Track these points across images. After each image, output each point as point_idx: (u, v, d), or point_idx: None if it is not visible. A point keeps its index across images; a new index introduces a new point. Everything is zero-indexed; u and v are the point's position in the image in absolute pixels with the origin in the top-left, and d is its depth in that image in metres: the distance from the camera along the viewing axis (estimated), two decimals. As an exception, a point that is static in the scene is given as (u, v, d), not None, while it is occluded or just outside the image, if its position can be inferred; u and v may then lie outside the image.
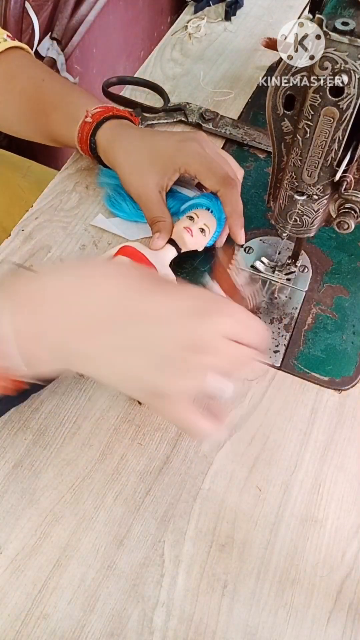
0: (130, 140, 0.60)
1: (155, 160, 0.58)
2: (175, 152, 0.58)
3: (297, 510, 0.47)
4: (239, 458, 0.50)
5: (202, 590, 0.44)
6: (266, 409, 0.52)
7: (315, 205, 0.47)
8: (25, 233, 0.62)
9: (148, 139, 0.60)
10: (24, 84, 0.65)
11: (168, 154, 0.58)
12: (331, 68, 0.37)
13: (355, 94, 0.38)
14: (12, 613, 0.42)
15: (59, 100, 0.64)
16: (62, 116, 0.63)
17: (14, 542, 0.45)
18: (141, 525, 0.46)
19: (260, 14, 0.90)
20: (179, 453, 0.49)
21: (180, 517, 0.47)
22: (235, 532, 0.46)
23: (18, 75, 0.65)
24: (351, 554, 0.46)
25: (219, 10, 0.89)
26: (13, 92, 0.65)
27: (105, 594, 0.43)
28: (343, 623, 0.43)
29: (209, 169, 0.57)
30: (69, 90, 0.65)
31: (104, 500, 0.47)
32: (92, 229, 0.63)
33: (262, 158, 0.71)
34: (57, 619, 0.42)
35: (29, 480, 0.47)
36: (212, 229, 0.58)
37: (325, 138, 0.41)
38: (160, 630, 0.42)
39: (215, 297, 0.41)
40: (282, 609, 0.43)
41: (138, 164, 0.59)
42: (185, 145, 0.58)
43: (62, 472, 0.48)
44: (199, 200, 0.59)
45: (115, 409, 0.51)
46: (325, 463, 0.50)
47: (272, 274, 0.60)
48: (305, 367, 0.54)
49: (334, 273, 0.61)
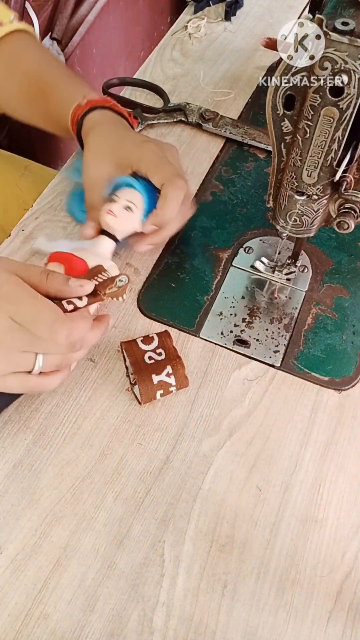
0: (105, 129, 0.59)
1: (115, 152, 0.57)
2: (134, 147, 0.57)
3: (297, 511, 0.47)
4: (239, 458, 0.50)
5: (202, 590, 0.44)
6: (266, 409, 0.52)
7: (315, 205, 0.47)
8: (25, 233, 0.62)
9: (121, 132, 0.59)
10: (27, 66, 0.65)
11: (127, 147, 0.57)
12: (331, 68, 0.37)
13: (355, 94, 0.38)
14: (12, 613, 0.42)
15: (61, 82, 0.64)
16: (60, 98, 0.63)
17: (14, 542, 0.45)
18: (141, 525, 0.46)
19: (260, 14, 0.90)
20: (179, 453, 0.49)
21: (180, 517, 0.47)
22: (235, 532, 0.46)
23: (22, 58, 0.66)
24: (351, 554, 0.46)
25: (219, 11, 0.89)
26: (16, 73, 0.65)
27: (105, 594, 0.43)
28: (343, 623, 0.43)
29: (158, 165, 0.55)
30: (70, 75, 0.65)
31: (104, 500, 0.47)
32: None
33: (262, 158, 0.71)
34: (57, 619, 0.42)
35: (29, 480, 0.47)
36: (139, 205, 0.55)
37: (325, 138, 0.41)
38: (160, 630, 0.42)
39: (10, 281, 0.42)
40: (282, 609, 0.43)
41: (100, 150, 0.58)
42: (146, 144, 0.57)
43: (62, 472, 0.48)
44: (120, 180, 0.56)
45: (116, 409, 0.51)
46: (325, 463, 0.50)
47: (272, 274, 0.60)
48: (305, 367, 0.54)
49: (334, 273, 0.61)
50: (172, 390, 0.51)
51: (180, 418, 0.51)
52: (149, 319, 0.57)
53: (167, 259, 0.61)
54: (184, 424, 0.51)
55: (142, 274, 0.60)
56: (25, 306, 0.40)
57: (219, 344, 0.55)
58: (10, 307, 0.40)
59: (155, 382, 0.50)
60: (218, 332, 0.56)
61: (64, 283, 0.43)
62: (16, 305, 0.40)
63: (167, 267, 0.60)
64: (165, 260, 0.61)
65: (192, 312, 0.57)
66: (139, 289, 0.59)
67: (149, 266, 0.60)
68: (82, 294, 0.44)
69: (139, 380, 0.50)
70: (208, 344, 0.56)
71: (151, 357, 0.51)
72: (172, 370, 0.51)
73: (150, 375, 0.50)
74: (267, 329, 0.56)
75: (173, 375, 0.51)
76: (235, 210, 0.65)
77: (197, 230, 0.63)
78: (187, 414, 0.51)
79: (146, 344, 0.52)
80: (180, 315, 0.57)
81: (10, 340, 0.41)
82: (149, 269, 0.60)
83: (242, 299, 0.58)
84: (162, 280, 0.59)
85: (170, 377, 0.50)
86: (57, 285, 0.43)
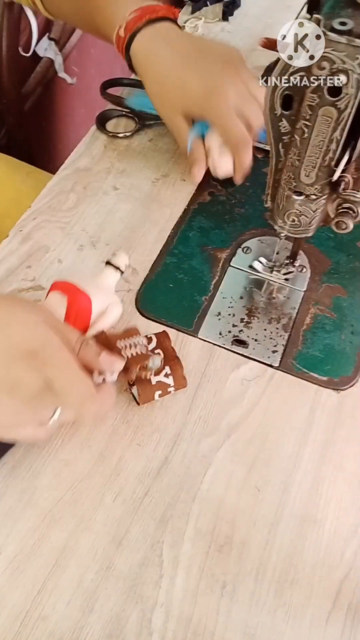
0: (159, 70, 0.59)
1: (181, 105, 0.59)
2: (207, 98, 0.57)
3: (295, 510, 0.47)
4: (238, 458, 0.50)
5: (201, 591, 0.44)
6: (265, 409, 0.52)
7: (314, 205, 0.47)
8: (24, 233, 0.62)
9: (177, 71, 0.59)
10: None
11: (192, 102, 0.59)
12: (329, 68, 0.37)
13: (353, 94, 0.38)
14: (11, 614, 0.42)
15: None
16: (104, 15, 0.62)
17: (12, 543, 0.45)
18: (140, 526, 0.46)
19: (258, 14, 0.90)
20: (177, 454, 0.49)
21: (179, 517, 0.47)
22: (234, 533, 0.46)
23: None
24: (350, 554, 0.46)
25: (217, 11, 0.89)
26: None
27: (104, 595, 0.43)
28: (342, 623, 0.43)
29: (228, 130, 0.58)
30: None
31: (102, 501, 0.47)
32: (90, 229, 0.63)
33: (260, 158, 0.71)
34: (55, 620, 0.42)
35: (27, 481, 0.47)
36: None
37: (323, 138, 0.41)
38: (159, 631, 0.42)
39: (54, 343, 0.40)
40: (281, 609, 0.43)
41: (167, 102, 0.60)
42: (220, 94, 0.57)
43: (60, 473, 0.48)
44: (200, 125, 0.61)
45: (114, 410, 0.51)
46: (324, 463, 0.50)
47: (270, 274, 0.60)
48: (303, 367, 0.54)
49: (332, 273, 0.61)
50: (170, 391, 0.51)
51: (178, 418, 0.51)
52: (147, 319, 0.57)
53: (166, 260, 0.61)
54: (182, 425, 0.51)
55: (141, 275, 0.60)
56: (62, 375, 0.40)
57: (218, 344, 0.55)
58: (49, 370, 0.39)
59: (154, 382, 0.50)
60: (216, 332, 0.56)
61: (95, 357, 0.43)
62: (55, 371, 0.39)
63: (165, 268, 0.60)
64: (163, 260, 0.61)
65: (191, 313, 0.57)
66: (137, 289, 0.59)
67: (147, 266, 0.60)
68: (110, 370, 0.44)
69: (137, 381, 0.50)
70: (206, 344, 0.56)
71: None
72: (170, 370, 0.51)
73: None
74: (265, 329, 0.56)
75: (171, 376, 0.50)
76: (234, 210, 0.65)
77: (195, 231, 0.63)
78: (186, 415, 0.51)
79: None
80: (179, 315, 0.57)
81: (40, 399, 0.41)
82: (147, 270, 0.60)
83: (241, 299, 0.58)
84: (161, 281, 0.59)
85: (168, 377, 0.50)
86: (89, 357, 0.43)
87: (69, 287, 0.51)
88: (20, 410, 0.41)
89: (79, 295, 0.50)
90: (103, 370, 0.44)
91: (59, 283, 0.51)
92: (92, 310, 0.50)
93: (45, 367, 0.39)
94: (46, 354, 0.39)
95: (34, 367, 0.39)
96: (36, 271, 0.59)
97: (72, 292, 0.50)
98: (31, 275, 0.59)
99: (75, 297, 0.50)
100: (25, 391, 0.40)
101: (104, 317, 0.52)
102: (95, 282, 0.53)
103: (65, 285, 0.51)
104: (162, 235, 0.63)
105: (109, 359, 0.44)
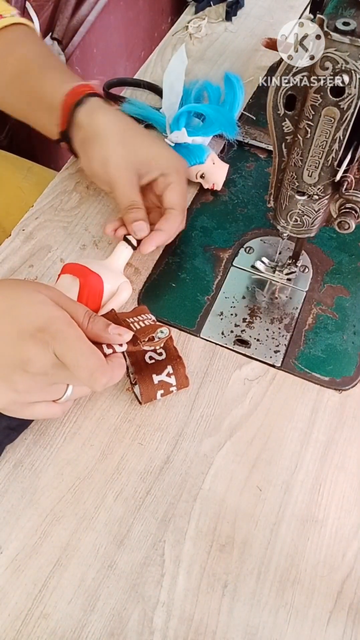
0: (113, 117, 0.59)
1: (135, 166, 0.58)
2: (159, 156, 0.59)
3: (297, 510, 0.47)
4: (240, 458, 0.50)
5: (203, 590, 0.44)
6: (267, 408, 0.52)
7: (316, 205, 0.47)
8: (26, 233, 0.62)
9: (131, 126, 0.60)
10: (21, 55, 0.65)
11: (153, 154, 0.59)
12: (332, 68, 0.37)
13: (356, 94, 0.38)
14: (13, 613, 0.42)
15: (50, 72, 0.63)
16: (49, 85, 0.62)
17: (14, 541, 0.45)
18: (141, 525, 0.46)
19: (261, 14, 0.90)
20: (179, 453, 0.49)
21: (181, 517, 0.47)
22: (236, 532, 0.46)
23: (17, 47, 0.65)
24: (352, 554, 0.46)
25: (220, 11, 0.89)
26: (8, 61, 0.64)
27: (105, 593, 0.43)
28: (343, 623, 0.43)
29: (179, 193, 0.58)
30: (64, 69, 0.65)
31: (104, 500, 0.47)
32: (93, 229, 0.63)
33: (263, 158, 0.71)
34: (57, 618, 0.42)
35: (29, 480, 0.47)
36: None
37: (326, 138, 0.41)
38: (160, 630, 0.42)
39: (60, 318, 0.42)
40: (283, 609, 0.43)
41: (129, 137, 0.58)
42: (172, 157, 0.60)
43: (62, 471, 0.48)
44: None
45: (116, 409, 0.51)
46: (325, 463, 0.50)
47: (272, 274, 0.60)
48: (305, 367, 0.54)
49: (334, 273, 0.61)
50: (172, 390, 0.51)
51: (180, 418, 0.51)
52: (150, 318, 0.57)
53: (168, 259, 0.61)
54: (184, 424, 0.51)
55: (143, 274, 0.60)
56: (72, 349, 0.40)
57: (220, 344, 0.55)
58: (58, 345, 0.40)
59: (156, 382, 0.50)
60: (218, 332, 0.56)
61: (104, 329, 0.44)
62: (64, 346, 0.40)
63: (167, 267, 0.60)
64: (165, 260, 0.61)
65: (193, 312, 0.57)
66: (140, 288, 0.59)
67: (149, 266, 0.60)
68: (119, 342, 0.45)
69: (140, 380, 0.50)
70: (208, 344, 0.56)
71: (152, 357, 0.51)
72: (172, 370, 0.51)
73: (150, 375, 0.50)
74: (267, 329, 0.56)
75: (173, 375, 0.51)
76: (236, 210, 0.65)
77: (197, 230, 0.63)
78: (188, 414, 0.51)
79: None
80: (181, 315, 0.57)
81: (52, 375, 0.42)
82: (149, 269, 0.60)
83: (243, 299, 0.58)
84: (163, 280, 0.59)
85: (170, 377, 0.50)
86: (97, 331, 0.44)
87: (80, 268, 0.51)
88: (33, 387, 0.42)
89: (91, 277, 0.51)
90: (112, 341, 0.45)
91: (69, 265, 0.52)
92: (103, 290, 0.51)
93: (54, 342, 0.40)
94: (53, 329, 0.40)
95: (43, 343, 0.40)
96: (38, 270, 0.59)
97: (84, 273, 0.51)
98: (33, 275, 0.59)
99: (87, 279, 0.50)
100: (37, 367, 0.40)
101: (114, 297, 0.52)
102: (105, 264, 0.53)
103: (76, 267, 0.51)
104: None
105: (117, 329, 0.45)
